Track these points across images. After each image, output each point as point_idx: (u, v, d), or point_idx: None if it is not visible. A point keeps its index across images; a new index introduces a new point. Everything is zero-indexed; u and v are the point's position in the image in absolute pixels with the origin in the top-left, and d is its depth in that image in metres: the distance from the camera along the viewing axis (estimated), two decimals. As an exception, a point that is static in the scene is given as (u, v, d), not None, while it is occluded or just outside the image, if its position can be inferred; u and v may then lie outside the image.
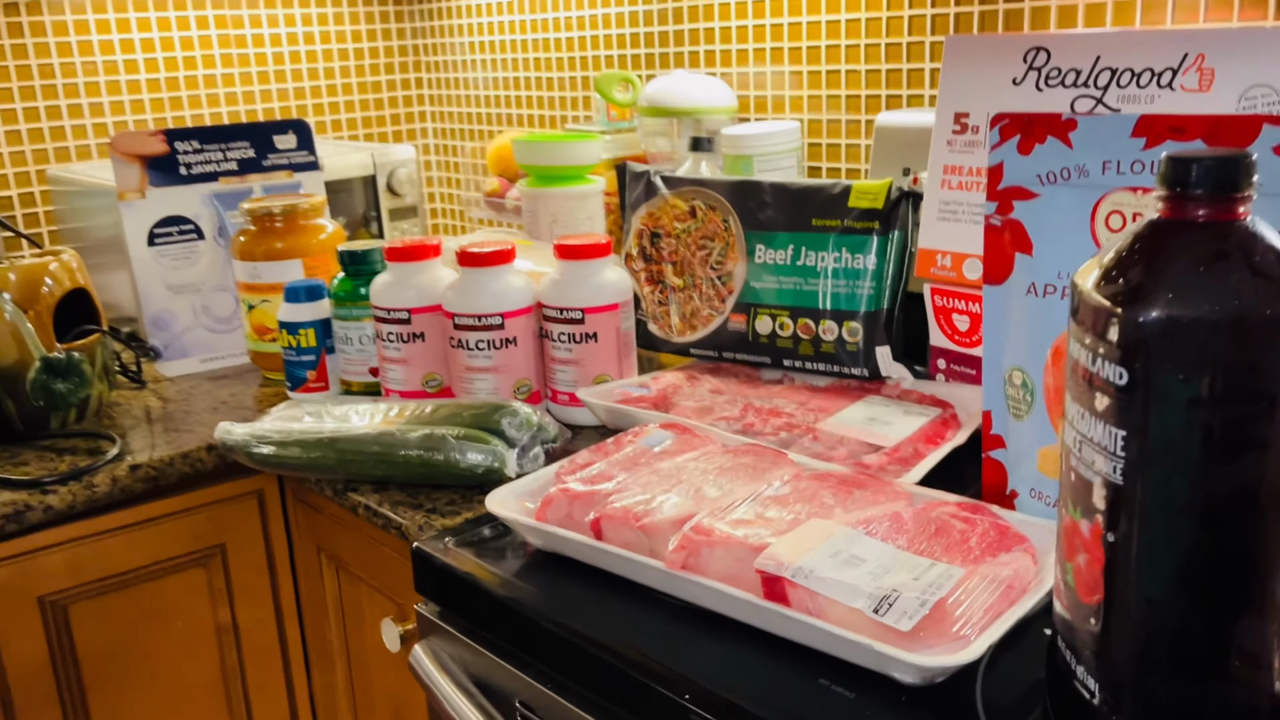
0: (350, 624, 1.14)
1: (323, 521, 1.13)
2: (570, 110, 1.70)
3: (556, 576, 0.79)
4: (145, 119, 1.69)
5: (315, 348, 1.20)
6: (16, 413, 1.15)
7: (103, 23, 1.62)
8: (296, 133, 1.43)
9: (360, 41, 1.89)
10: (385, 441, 0.97)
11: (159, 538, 1.11)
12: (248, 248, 1.29)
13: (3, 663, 1.04)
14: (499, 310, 1.05)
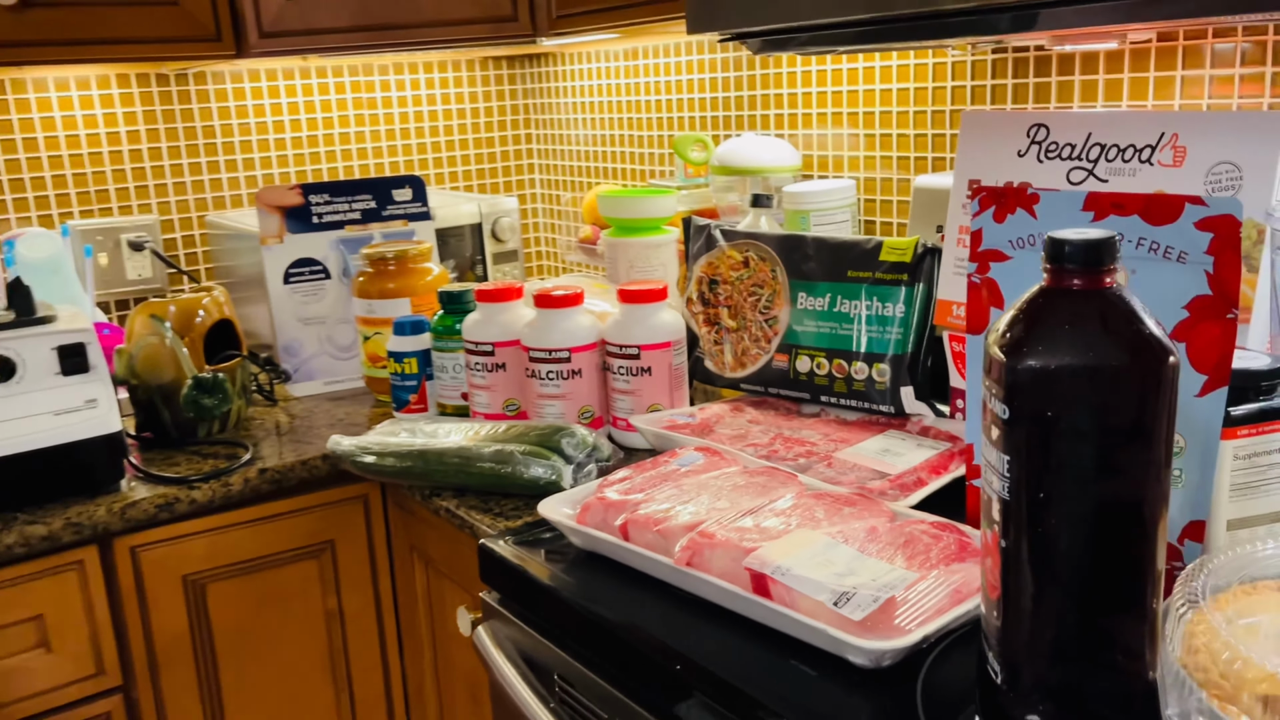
0: (435, 612, 1.32)
1: (414, 523, 1.31)
2: (655, 165, 1.86)
3: (592, 571, 0.94)
4: (287, 173, 1.94)
5: (417, 374, 1.39)
6: (171, 422, 1.37)
7: (256, 90, 1.88)
8: (412, 187, 1.63)
9: (476, 102, 2.11)
10: (464, 455, 1.15)
11: (281, 531, 1.31)
12: (365, 287, 1.50)
13: (152, 628, 1.25)
14: (567, 346, 1.22)
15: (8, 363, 1.16)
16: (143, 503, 1.20)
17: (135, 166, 1.79)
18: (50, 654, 1.19)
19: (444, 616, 1.30)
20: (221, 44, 1.50)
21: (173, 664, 1.27)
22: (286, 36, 1.51)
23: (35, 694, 1.19)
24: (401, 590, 1.39)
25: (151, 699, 1.26)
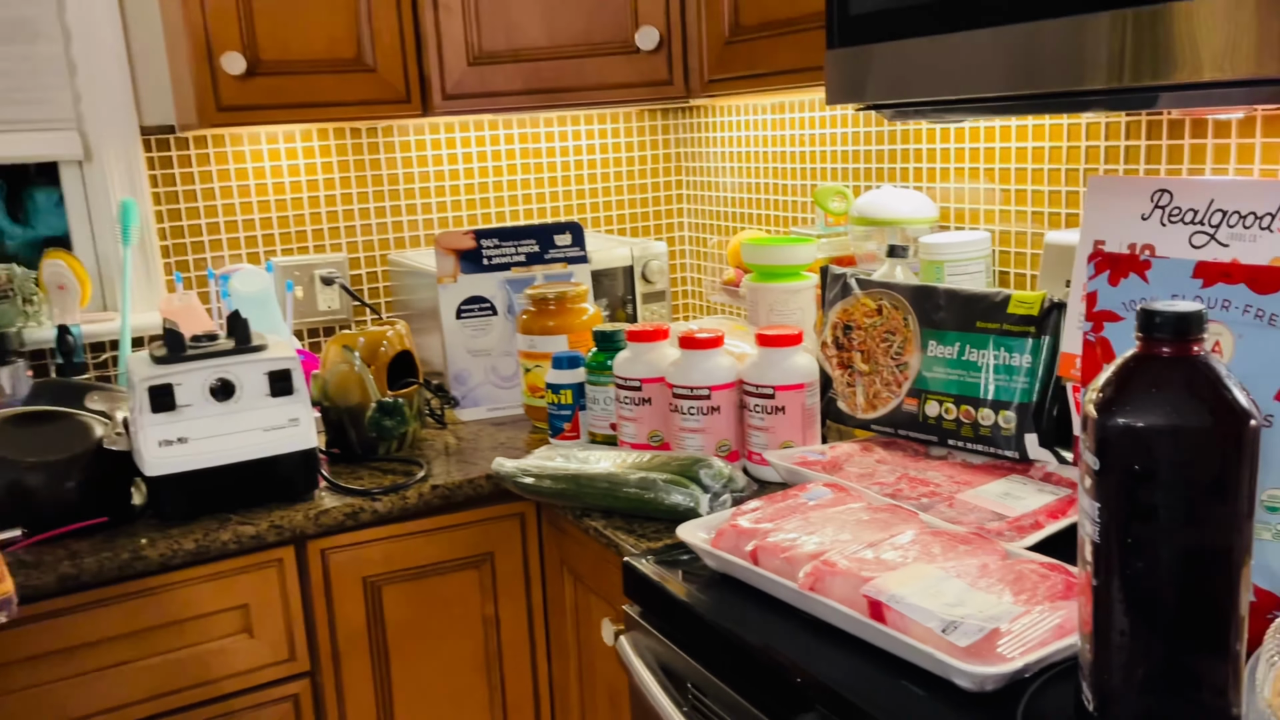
0: (581, 623, 1.44)
1: (565, 540, 1.44)
2: (797, 213, 1.96)
3: (724, 591, 1.05)
4: (460, 216, 2.13)
5: (571, 405, 1.53)
6: (357, 440, 1.55)
7: (435, 142, 2.08)
8: (572, 232, 1.78)
9: (631, 151, 2.26)
10: (612, 480, 1.27)
11: (447, 542, 1.47)
12: (528, 324, 1.65)
13: (336, 622, 1.42)
14: (708, 384, 1.33)
15: (229, 384, 1.36)
16: (333, 511, 1.37)
17: (329, 210, 2.01)
18: (252, 639, 1.37)
19: (589, 627, 1.42)
20: (410, 105, 1.70)
21: (352, 655, 1.44)
22: (466, 98, 1.69)
23: (238, 673, 1.37)
24: (551, 601, 1.52)
25: (333, 685, 1.43)
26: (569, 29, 1.66)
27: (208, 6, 1.55)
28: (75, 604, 1.26)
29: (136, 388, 1.33)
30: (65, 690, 1.26)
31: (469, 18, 1.66)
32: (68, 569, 1.23)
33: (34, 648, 1.24)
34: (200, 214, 1.91)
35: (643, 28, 1.62)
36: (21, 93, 1.77)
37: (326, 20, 1.62)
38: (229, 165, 1.92)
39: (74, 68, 1.79)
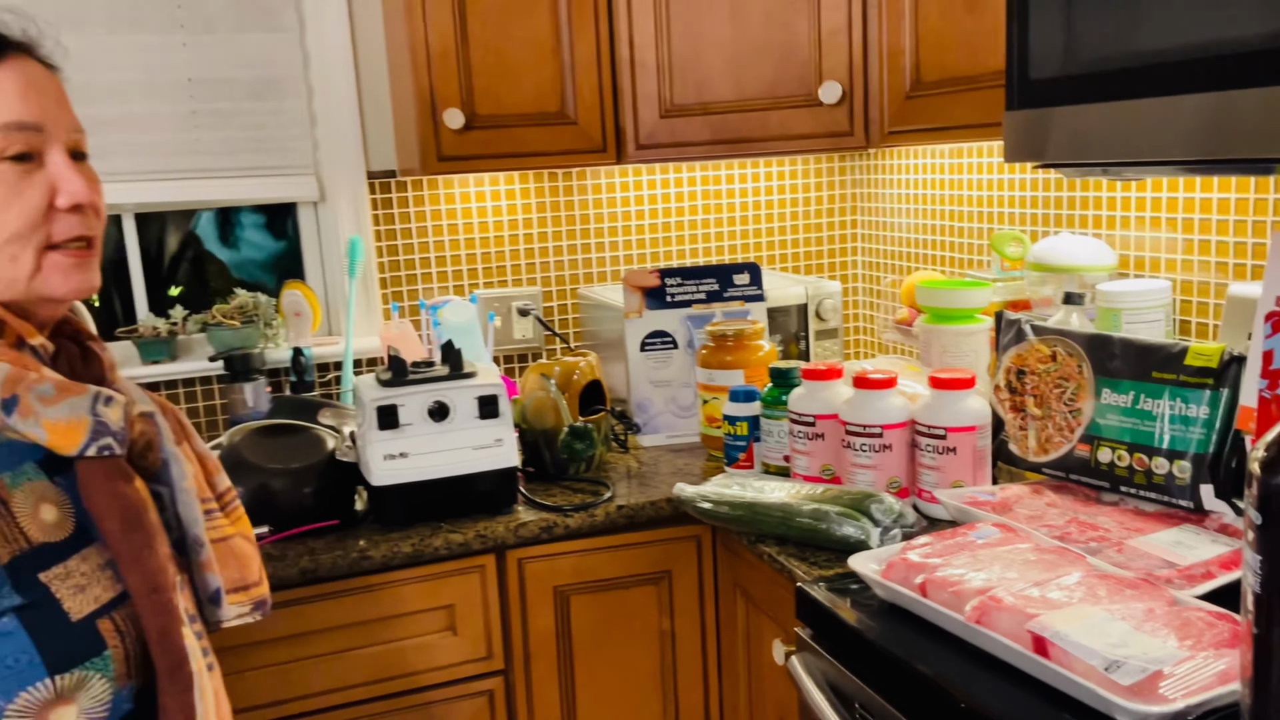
0: (752, 643, 1.53)
1: (739, 564, 1.54)
2: (972, 255, 2.00)
3: (892, 620, 1.12)
4: (644, 254, 2.27)
5: (747, 436, 1.63)
6: (550, 461, 1.70)
7: (624, 185, 2.23)
8: (750, 273, 1.89)
9: (808, 192, 2.34)
10: (786, 510, 1.36)
11: (629, 559, 1.59)
12: (707, 358, 1.76)
13: (528, 627, 1.56)
14: (880, 423, 1.40)
15: (444, 407, 1.52)
16: (530, 524, 1.52)
17: (527, 247, 2.19)
18: (455, 636, 1.52)
19: (759, 647, 1.51)
20: (606, 154, 1.84)
21: (541, 658, 1.57)
22: (657, 148, 1.83)
23: (441, 666, 1.53)
24: (724, 620, 1.62)
25: (523, 684, 1.57)
26: (755, 84, 1.77)
27: (434, 69, 1.74)
28: (312, 594, 1.44)
29: (366, 407, 1.51)
30: (302, 669, 1.45)
31: (663, 75, 1.79)
32: (307, 564, 1.42)
33: (278, 631, 1.43)
34: (415, 250, 2.12)
35: (826, 82, 1.72)
36: (271, 143, 2.02)
37: (535, 79, 1.79)
38: (441, 206, 2.12)
39: (314, 120, 2.03)
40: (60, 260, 0.92)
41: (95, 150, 0.94)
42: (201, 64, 1.96)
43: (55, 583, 0.87)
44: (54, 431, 0.88)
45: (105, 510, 0.90)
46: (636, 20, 1.78)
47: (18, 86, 0.90)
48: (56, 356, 0.95)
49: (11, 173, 0.89)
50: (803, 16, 1.73)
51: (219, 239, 2.21)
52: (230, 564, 1.02)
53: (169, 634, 0.91)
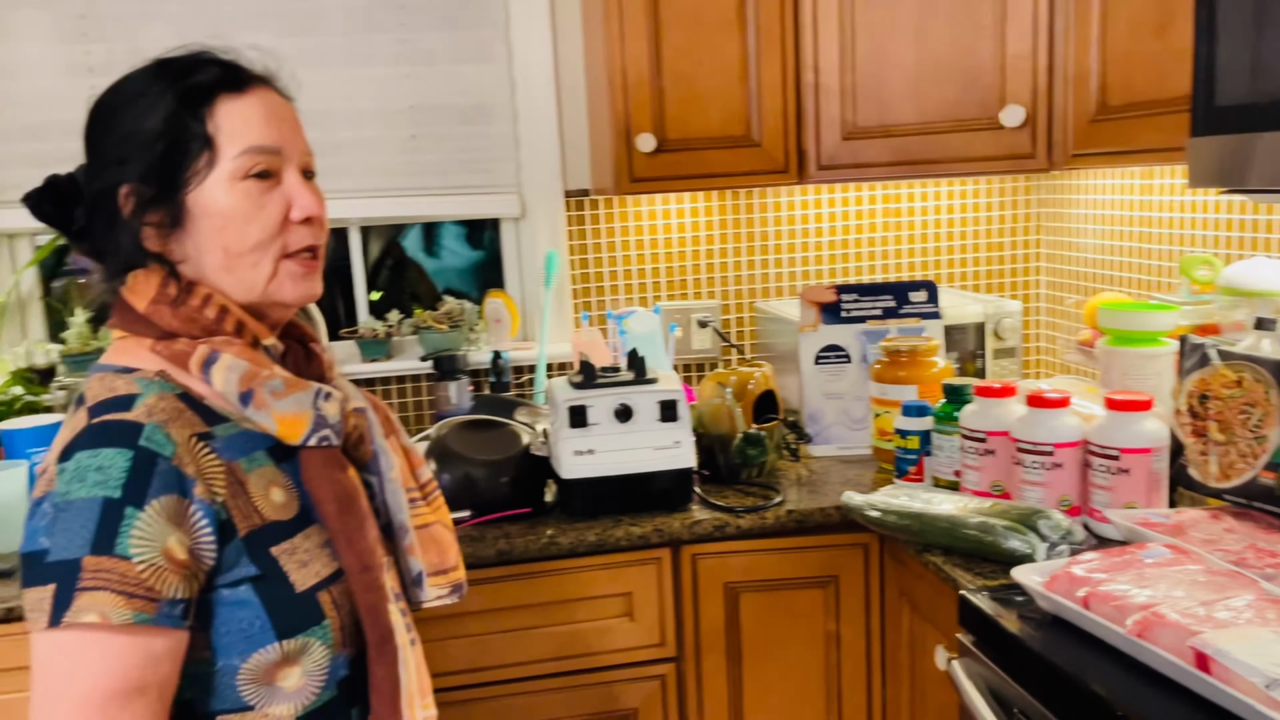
0: (916, 650, 1.57)
1: (905, 573, 1.59)
2: (1160, 278, 1.96)
3: (1053, 631, 1.15)
4: (821, 270, 2.33)
5: (918, 450, 1.67)
6: (724, 465, 1.79)
7: (804, 203, 2.30)
8: (927, 290, 1.93)
9: (990, 211, 2.35)
10: (953, 521, 1.40)
11: (797, 561, 1.66)
12: (881, 373, 1.81)
13: (700, 619, 1.66)
14: (1052, 441, 1.42)
15: (628, 409, 1.64)
16: (704, 522, 1.62)
17: (707, 262, 2.30)
18: (632, 622, 1.64)
19: (922, 654, 1.55)
20: (788, 174, 1.93)
21: (711, 650, 1.67)
22: (838, 169, 1.90)
23: (619, 649, 1.65)
24: (889, 627, 1.67)
25: (694, 673, 1.67)
26: (937, 107, 1.81)
27: (629, 96, 1.88)
28: (506, 574, 1.59)
29: (559, 406, 1.65)
30: (495, 641, 1.60)
31: (846, 98, 1.86)
32: (503, 546, 1.56)
33: (476, 606, 1.58)
34: (604, 263, 2.27)
35: (1009, 106, 1.74)
36: (479, 164, 2.21)
37: (722, 104, 1.90)
38: (629, 223, 2.26)
39: (518, 143, 2.21)
40: (293, 268, 1.02)
41: (330, 170, 1.08)
42: (422, 93, 2.17)
43: (283, 557, 0.97)
44: (282, 422, 0.99)
45: (323, 494, 1.00)
46: (822, 47, 1.86)
47: (261, 114, 1.00)
48: (284, 356, 1.04)
49: (255, 189, 0.99)
50: (987, 41, 1.77)
51: (423, 249, 2.42)
52: (431, 549, 1.11)
53: (377, 609, 1.00)
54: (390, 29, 2.13)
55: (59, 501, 0.89)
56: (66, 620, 0.86)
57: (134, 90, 1.00)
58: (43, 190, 1.01)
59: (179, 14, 2.06)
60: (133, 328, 1.01)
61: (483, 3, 2.16)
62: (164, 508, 0.90)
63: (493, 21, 2.17)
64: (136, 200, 0.98)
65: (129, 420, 0.93)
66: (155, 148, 0.97)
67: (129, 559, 0.87)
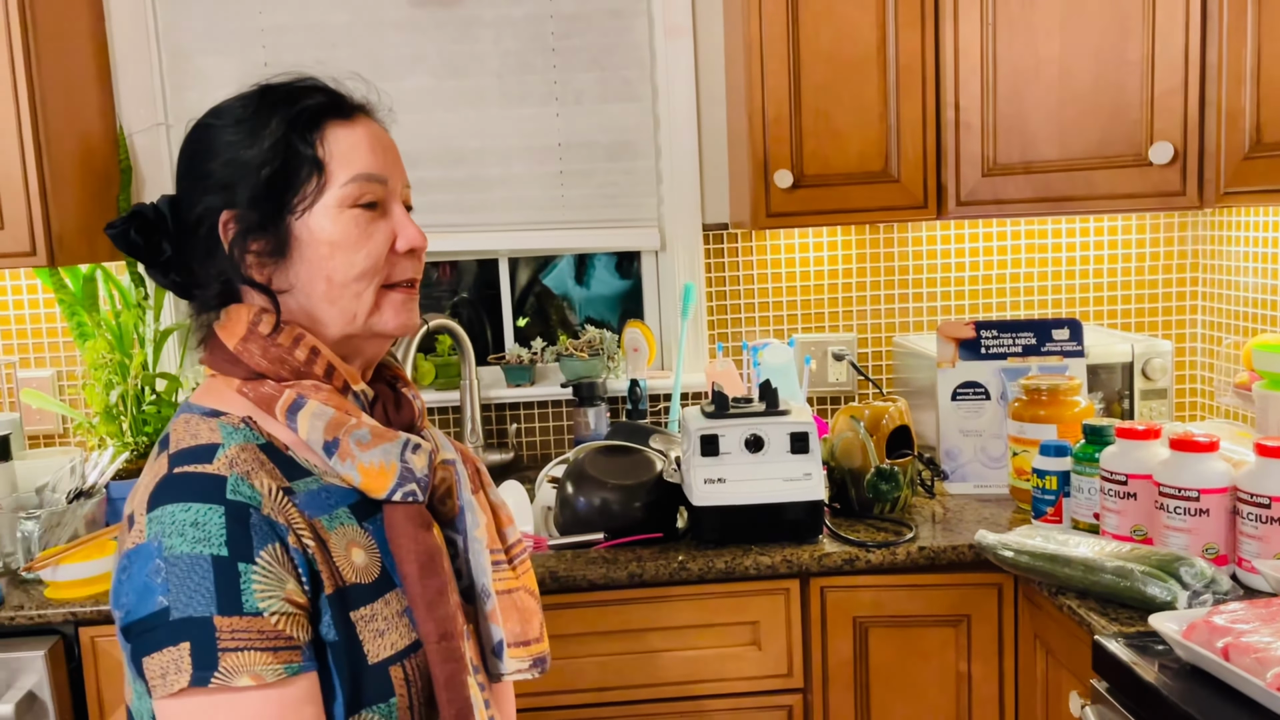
0: (1051, 695, 1.54)
1: (1040, 615, 1.56)
2: (1328, 320, 1.87)
3: (1190, 681, 1.12)
4: (961, 305, 2.31)
5: (1056, 491, 1.64)
6: (855, 499, 1.80)
7: (945, 238, 2.29)
8: (1070, 329, 1.89)
9: (1142, 248, 2.28)
10: (1090, 565, 1.38)
11: (928, 599, 1.65)
12: (1020, 411, 1.78)
13: (827, 652, 1.67)
14: (1197, 487, 1.38)
15: (759, 439, 1.68)
16: (834, 555, 1.63)
17: (844, 295, 2.31)
18: (759, 651, 1.66)
19: (1057, 700, 1.52)
20: (926, 210, 1.93)
21: (838, 683, 1.67)
22: (978, 205, 1.89)
23: (745, 677, 1.67)
24: (1023, 670, 1.63)
25: (820, 705, 1.68)
26: (1081, 144, 1.79)
27: (769, 134, 1.92)
28: (637, 597, 1.64)
29: (691, 435, 1.70)
30: (625, 663, 1.65)
31: (987, 135, 1.86)
32: (635, 569, 1.62)
33: (608, 625, 1.64)
34: (740, 295, 2.31)
35: (1157, 143, 1.70)
36: (623, 198, 2.29)
37: (861, 141, 1.92)
38: (766, 256, 2.30)
39: (660, 178, 2.29)
40: (395, 298, 0.99)
41: (481, 204, 1.09)
42: (570, 130, 2.27)
43: (360, 623, 0.91)
44: (366, 475, 0.94)
45: (406, 554, 0.94)
46: (963, 84, 1.86)
47: (368, 143, 0.97)
48: (374, 402, 1.00)
49: (363, 218, 0.96)
50: (1135, 78, 1.73)
51: (573, 277, 2.52)
52: (513, 617, 1.03)
53: (456, 681, 0.93)
54: (542, 70, 2.25)
55: (168, 557, 0.85)
56: (217, 682, 0.82)
57: (237, 115, 0.96)
58: (129, 219, 0.97)
59: (349, 59, 2.23)
60: (222, 367, 0.97)
61: (630, 44, 2.25)
62: (272, 556, 0.87)
63: (639, 62, 2.25)
64: (239, 227, 0.95)
65: (211, 474, 0.89)
66: (261, 172, 0.94)
67: (261, 615, 0.84)
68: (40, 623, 1.57)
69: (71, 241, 1.98)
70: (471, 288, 2.50)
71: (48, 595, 1.61)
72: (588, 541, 1.71)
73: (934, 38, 1.89)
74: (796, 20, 1.89)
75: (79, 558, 1.62)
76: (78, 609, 1.57)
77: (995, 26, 1.83)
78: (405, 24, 2.22)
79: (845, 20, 1.89)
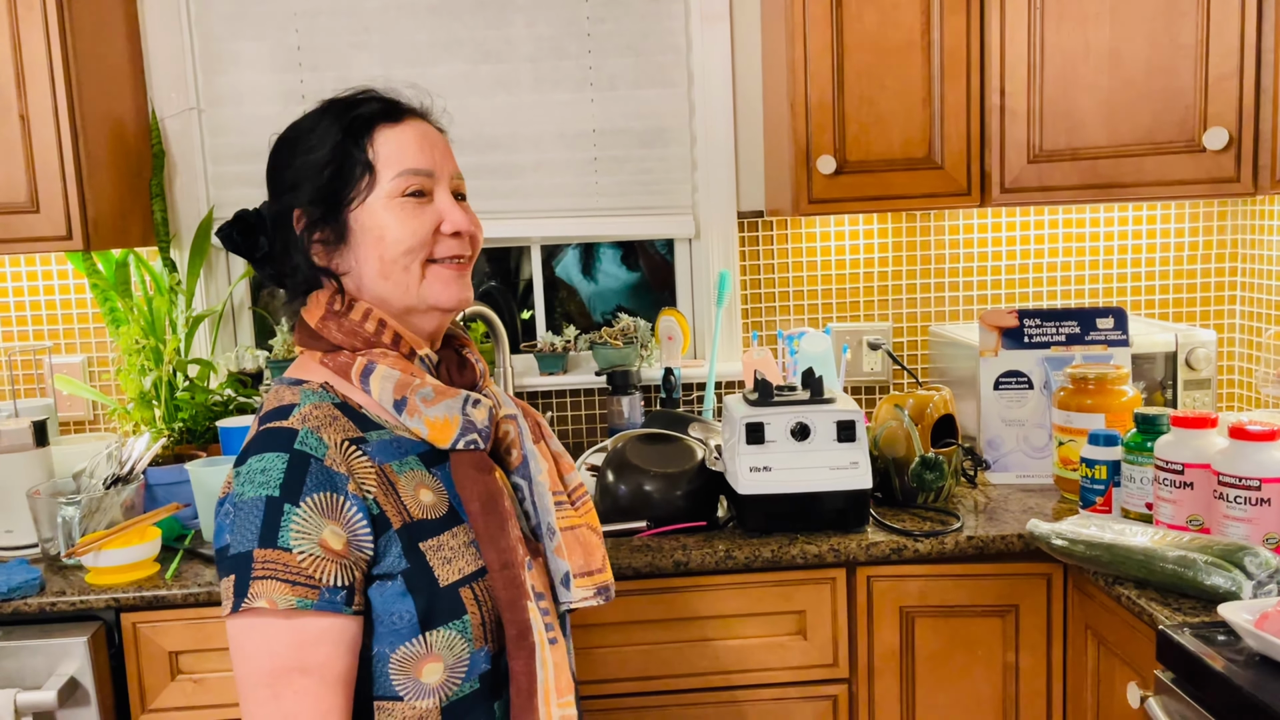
0: (1103, 686, 1.53)
1: (1092, 605, 1.54)
2: (1378, 309, 1.85)
3: (1262, 671, 1.10)
4: (999, 294, 2.29)
5: (1105, 480, 1.63)
6: (899, 487, 1.78)
7: (982, 225, 2.27)
8: (1115, 317, 1.87)
9: (1182, 237, 2.26)
10: (1149, 554, 1.36)
11: (976, 589, 1.63)
12: (1065, 400, 1.77)
13: (874, 642, 1.65)
14: (1258, 476, 1.36)
15: (805, 428, 1.66)
16: (881, 544, 1.61)
17: (881, 284, 2.29)
18: (805, 641, 1.65)
19: (1109, 691, 1.50)
20: (970, 197, 1.91)
21: (884, 673, 1.66)
22: (1023, 192, 1.87)
23: (791, 666, 1.66)
24: (1072, 660, 1.62)
25: (866, 695, 1.67)
26: (1131, 129, 1.76)
27: (811, 119, 1.90)
28: (683, 585, 1.63)
29: (735, 423, 1.68)
30: (670, 651, 1.64)
31: (1032, 121, 1.83)
32: (680, 557, 1.60)
33: (653, 614, 1.63)
34: (775, 283, 2.29)
35: (1212, 128, 1.68)
36: (657, 185, 2.27)
37: (904, 126, 1.90)
38: (802, 244, 2.28)
39: (695, 165, 2.27)
40: (441, 271, 1.11)
41: (514, 191, 1.10)
42: (604, 117, 2.25)
43: (429, 552, 1.04)
44: (432, 427, 1.07)
45: (470, 494, 1.06)
46: (1009, 70, 1.84)
47: (415, 141, 1.11)
48: (438, 365, 1.14)
49: (410, 205, 1.10)
50: (1188, 62, 1.71)
51: (580, 269, 2.50)
52: (577, 551, 1.14)
53: (517, 605, 1.05)
54: (576, 55, 2.23)
55: (237, 501, 1.00)
56: (244, 606, 0.97)
57: (306, 126, 1.12)
58: (232, 223, 1.14)
59: (382, 44, 2.21)
60: (307, 343, 1.12)
61: (666, 29, 2.23)
62: (317, 503, 0.99)
63: (674, 47, 2.23)
64: (307, 220, 1.10)
65: (286, 427, 1.03)
66: (323, 173, 1.09)
67: (290, 550, 0.97)
68: (82, 609, 1.56)
69: (106, 226, 1.96)
70: (486, 277, 2.49)
71: (89, 581, 1.60)
72: (631, 529, 1.70)
73: (979, 23, 1.87)
74: (840, 5, 1.87)
75: (120, 543, 1.61)
76: (120, 595, 1.56)
77: (1043, 11, 1.80)
78: (439, 8, 2.20)
79: (889, 5, 1.87)
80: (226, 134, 2.24)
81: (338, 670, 0.99)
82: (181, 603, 1.57)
